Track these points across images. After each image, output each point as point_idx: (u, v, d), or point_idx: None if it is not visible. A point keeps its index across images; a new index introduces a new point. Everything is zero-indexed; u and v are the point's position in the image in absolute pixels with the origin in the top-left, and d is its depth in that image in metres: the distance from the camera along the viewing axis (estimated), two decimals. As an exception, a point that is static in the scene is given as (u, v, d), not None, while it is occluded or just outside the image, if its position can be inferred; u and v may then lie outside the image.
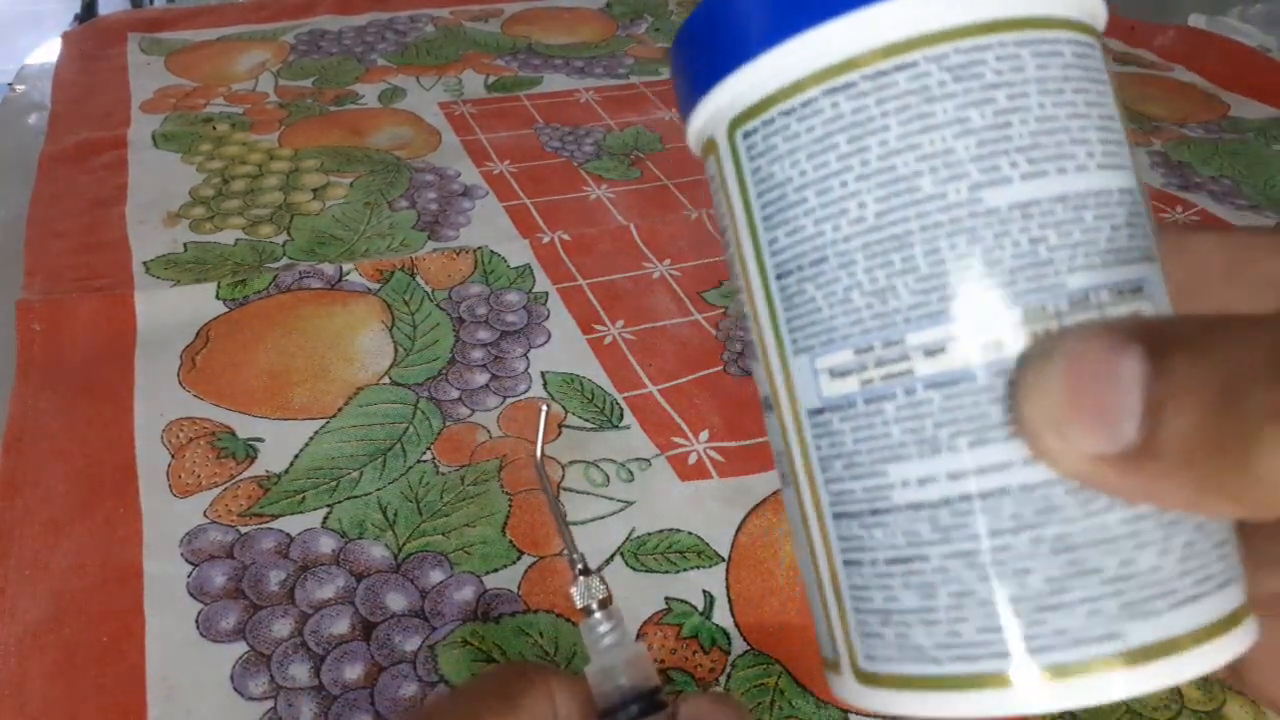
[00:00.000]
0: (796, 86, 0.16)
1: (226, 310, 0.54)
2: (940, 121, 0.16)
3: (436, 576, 0.40)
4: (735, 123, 0.17)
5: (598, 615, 0.27)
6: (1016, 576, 0.15)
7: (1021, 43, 0.16)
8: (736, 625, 0.39)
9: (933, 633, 0.16)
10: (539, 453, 0.30)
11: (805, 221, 0.16)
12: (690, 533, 0.43)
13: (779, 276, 0.17)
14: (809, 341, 0.17)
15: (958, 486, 0.15)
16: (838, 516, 0.17)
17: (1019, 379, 0.15)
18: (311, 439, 0.46)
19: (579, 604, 0.27)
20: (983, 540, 0.15)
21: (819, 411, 0.17)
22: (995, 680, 0.16)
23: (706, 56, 0.17)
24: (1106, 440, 0.14)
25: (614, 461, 0.46)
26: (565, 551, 0.28)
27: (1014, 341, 0.15)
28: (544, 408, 0.31)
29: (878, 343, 0.16)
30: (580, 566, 0.28)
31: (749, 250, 0.18)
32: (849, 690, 0.18)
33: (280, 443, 0.46)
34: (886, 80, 0.16)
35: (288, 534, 0.42)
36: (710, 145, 0.18)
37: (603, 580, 0.27)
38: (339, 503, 0.43)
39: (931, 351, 0.16)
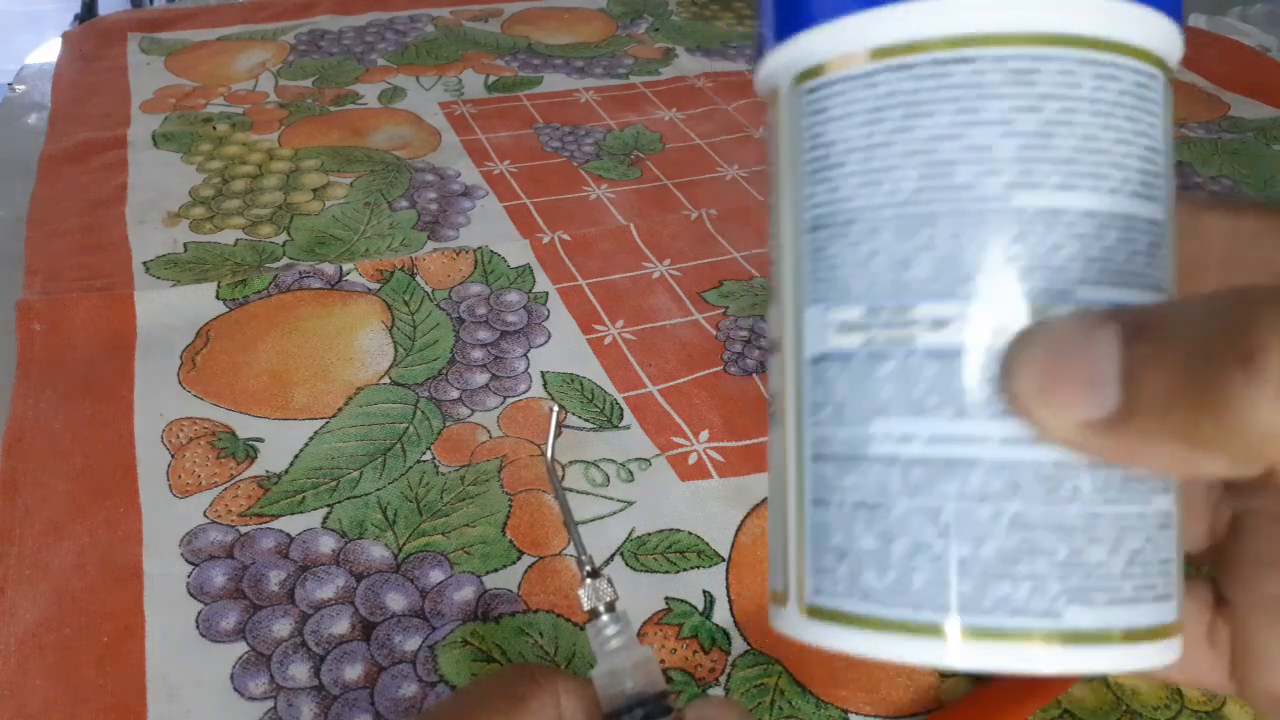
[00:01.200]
0: (863, 56, 0.17)
1: (226, 310, 0.54)
2: (987, 119, 0.16)
3: (436, 576, 0.40)
4: (800, 77, 0.18)
5: (605, 618, 0.27)
6: (973, 541, 0.16)
7: (1083, 61, 0.17)
8: (736, 625, 0.39)
9: (884, 577, 0.17)
10: (550, 454, 0.30)
11: (844, 184, 0.17)
12: (690, 533, 0.43)
13: (810, 230, 0.18)
14: (825, 293, 0.18)
15: (935, 449, 0.16)
16: (816, 458, 0.18)
17: (1007, 358, 0.16)
18: (311, 439, 0.46)
19: (586, 606, 0.27)
20: (948, 502, 0.16)
21: (820, 359, 0.18)
22: (931, 631, 0.16)
23: (787, 9, 0.18)
24: (1087, 406, 0.15)
25: (614, 461, 0.46)
26: (575, 554, 0.28)
27: (1012, 331, 0.16)
28: (553, 409, 0.31)
29: (889, 306, 0.17)
30: (589, 569, 0.27)
31: (788, 200, 0.19)
32: (789, 620, 0.19)
33: (280, 443, 0.46)
34: (946, 69, 0.17)
35: (288, 534, 0.42)
36: (774, 94, 0.19)
37: (610, 583, 0.27)
38: (339, 503, 0.43)
39: (936, 325, 0.16)
